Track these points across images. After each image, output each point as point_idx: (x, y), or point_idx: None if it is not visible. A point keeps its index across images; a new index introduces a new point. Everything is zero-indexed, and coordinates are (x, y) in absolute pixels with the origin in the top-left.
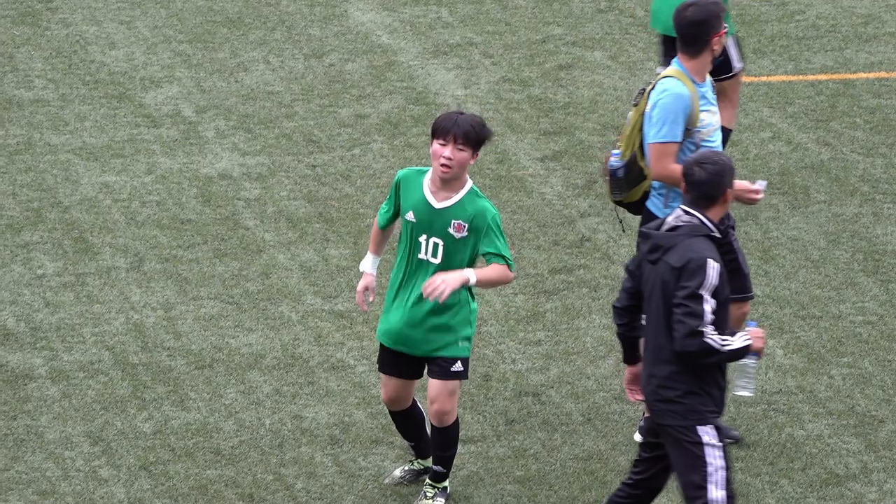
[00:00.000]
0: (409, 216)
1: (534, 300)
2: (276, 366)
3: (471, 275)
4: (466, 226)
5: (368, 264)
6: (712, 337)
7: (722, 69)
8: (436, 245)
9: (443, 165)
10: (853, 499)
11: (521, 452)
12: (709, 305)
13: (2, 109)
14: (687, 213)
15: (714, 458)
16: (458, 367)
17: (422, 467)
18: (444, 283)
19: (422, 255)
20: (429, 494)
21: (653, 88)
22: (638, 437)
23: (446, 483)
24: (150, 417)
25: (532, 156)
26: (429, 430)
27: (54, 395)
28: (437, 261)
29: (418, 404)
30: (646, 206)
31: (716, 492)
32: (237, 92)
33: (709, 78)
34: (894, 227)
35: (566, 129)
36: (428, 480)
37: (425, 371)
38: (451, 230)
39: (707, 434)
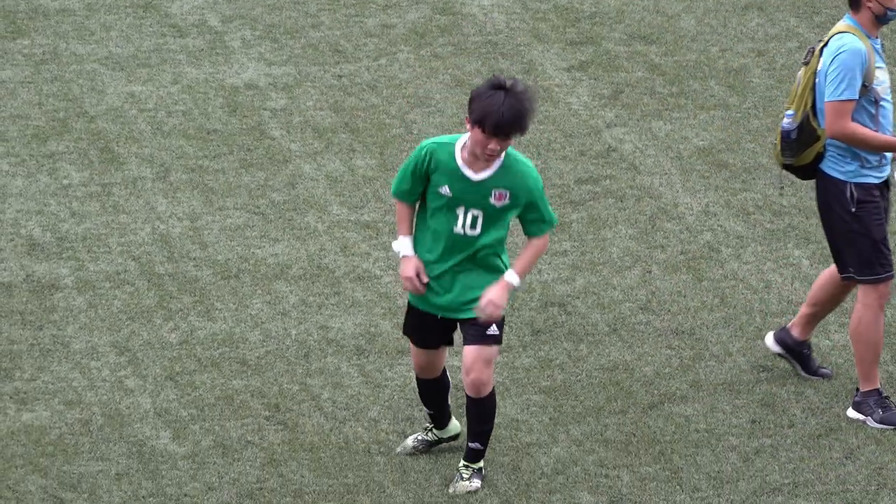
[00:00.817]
0: (444, 190)
1: (560, 210)
2: (302, 276)
3: (513, 279)
4: (508, 193)
5: (407, 246)
6: None
7: None
8: (475, 217)
9: (489, 155)
10: None
11: (547, 363)
12: None
13: (27, 19)
14: None
15: None
16: (493, 329)
17: (435, 438)
18: (496, 302)
19: (458, 229)
20: (465, 476)
21: (825, 46)
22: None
23: (482, 463)
24: (176, 328)
25: (558, 66)
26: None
27: (80, 305)
28: (476, 232)
29: (447, 373)
30: (819, 169)
31: None
32: (263, 2)
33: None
34: None
35: (592, 38)
36: (463, 461)
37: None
38: (492, 200)
39: None
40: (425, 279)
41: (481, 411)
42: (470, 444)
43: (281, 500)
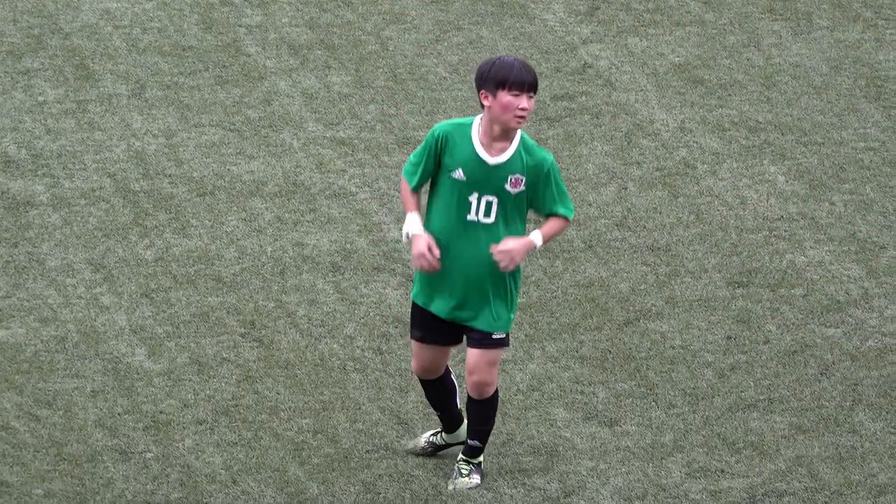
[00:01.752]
0: (458, 174)
1: (536, 127)
2: (278, 193)
3: (537, 239)
4: (524, 179)
5: (416, 224)
6: None
7: None
8: (489, 203)
9: (519, 117)
10: (854, 325)
11: (523, 279)
12: None
13: None
14: None
15: None
16: (500, 334)
17: (444, 443)
18: (513, 254)
19: (471, 216)
20: (464, 472)
21: None
22: None
23: (481, 458)
24: (151, 245)
25: None
26: (459, 403)
27: (55, 222)
28: (490, 220)
29: (451, 373)
30: None
31: None
32: None
33: None
34: None
35: None
36: (462, 456)
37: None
38: (507, 186)
39: None
40: (437, 254)
41: (484, 410)
42: (469, 440)
43: (256, 416)
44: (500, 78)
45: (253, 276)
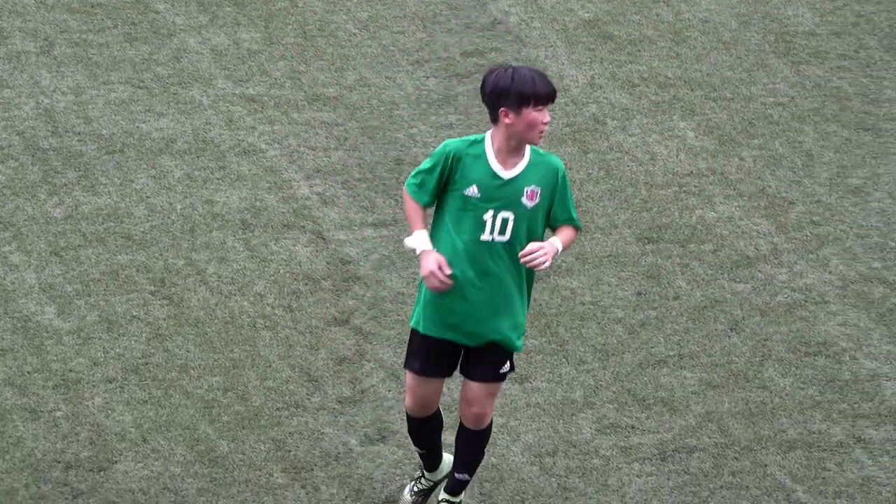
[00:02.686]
0: (472, 191)
1: (446, 83)
2: (188, 150)
3: (557, 244)
4: (539, 191)
5: (424, 240)
6: None
7: None
8: (504, 220)
9: (541, 132)
10: (763, 280)
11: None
12: None
13: None
14: None
15: None
16: (506, 367)
17: (431, 484)
18: (545, 250)
19: (485, 236)
20: None
21: None
22: None
23: (463, 496)
24: (60, 202)
25: None
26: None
27: None
28: (505, 238)
29: (440, 409)
30: None
31: None
32: None
33: None
34: (805, 8)
35: None
36: (445, 494)
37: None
38: (524, 199)
39: None
40: (448, 271)
41: (477, 443)
42: (457, 474)
43: (166, 374)
44: (524, 94)
45: (162, 233)
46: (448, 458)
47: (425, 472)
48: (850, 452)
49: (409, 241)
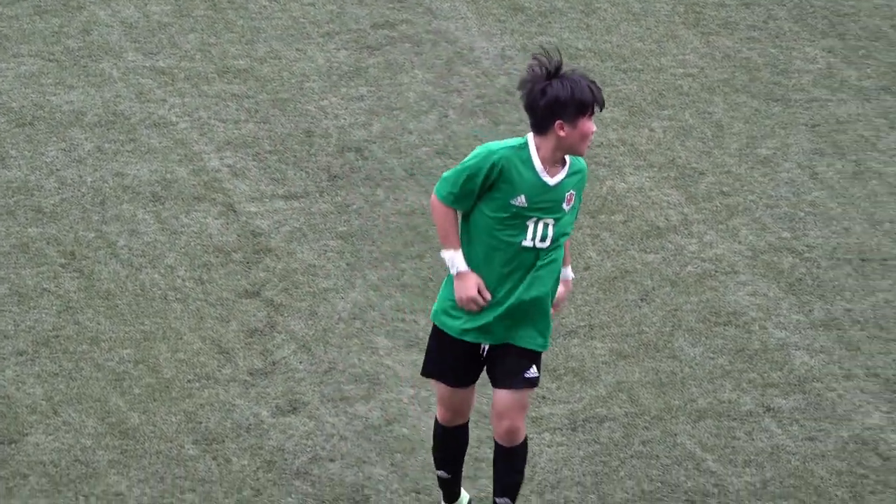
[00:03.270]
0: (519, 201)
1: (356, 55)
2: (98, 123)
3: (571, 275)
4: (574, 194)
5: (462, 261)
6: None
7: None
8: (546, 226)
9: (589, 143)
10: (673, 250)
11: (344, 208)
12: None
13: None
14: None
15: None
16: (532, 372)
17: None
18: (566, 303)
19: (527, 242)
20: None
21: None
22: None
23: None
24: None
25: None
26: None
27: None
28: (546, 244)
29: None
30: None
31: None
32: None
33: None
34: None
35: None
36: None
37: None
38: (564, 205)
39: None
40: (488, 296)
41: (513, 461)
42: (498, 499)
43: (77, 347)
44: (583, 104)
45: (73, 206)
46: (465, 497)
47: (446, 501)
48: (759, 421)
49: (445, 257)
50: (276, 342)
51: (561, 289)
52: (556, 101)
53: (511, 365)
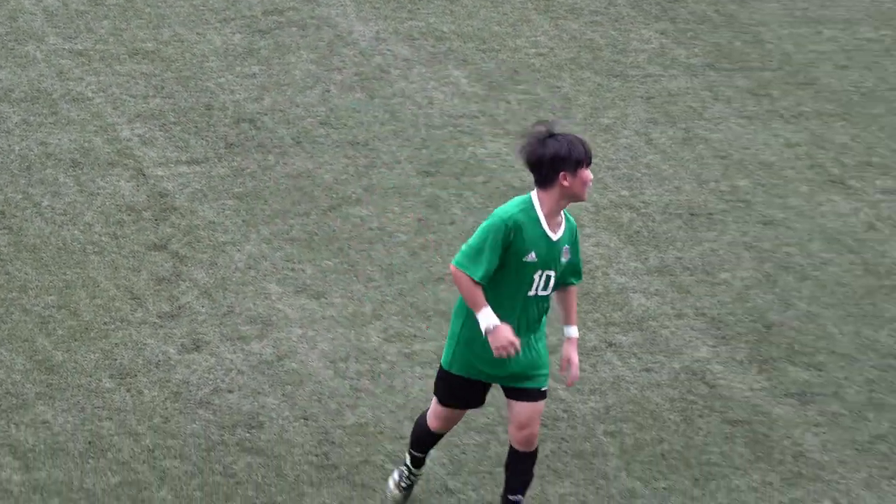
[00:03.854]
0: (531, 257)
1: (249, 38)
2: (24, 98)
3: (576, 333)
4: (569, 248)
5: (494, 317)
6: None
7: None
8: (548, 277)
9: (590, 189)
10: None
11: (240, 172)
12: None
13: None
14: None
15: None
16: (546, 384)
17: (416, 479)
18: (578, 367)
19: (532, 292)
20: None
21: None
22: None
23: None
24: None
25: None
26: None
27: None
28: (548, 292)
29: None
30: None
31: None
32: None
33: None
34: None
35: None
36: None
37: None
38: (562, 258)
39: None
40: (518, 342)
41: (531, 463)
42: (511, 496)
43: (7, 294)
44: (580, 157)
45: (2, 171)
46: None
47: (413, 468)
48: (602, 355)
49: (481, 319)
50: (181, 289)
51: (571, 352)
52: (558, 157)
53: (529, 386)
